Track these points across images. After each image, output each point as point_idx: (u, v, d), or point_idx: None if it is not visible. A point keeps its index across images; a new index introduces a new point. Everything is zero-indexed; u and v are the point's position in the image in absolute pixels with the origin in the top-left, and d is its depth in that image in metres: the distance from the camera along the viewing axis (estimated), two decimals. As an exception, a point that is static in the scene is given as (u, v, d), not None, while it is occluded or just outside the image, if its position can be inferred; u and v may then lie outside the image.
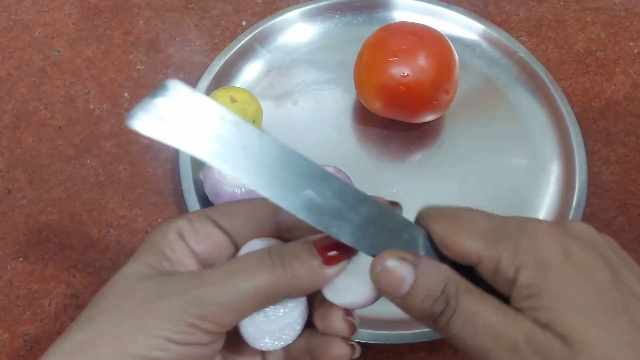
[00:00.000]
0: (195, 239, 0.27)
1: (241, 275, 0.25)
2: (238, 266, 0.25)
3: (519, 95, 0.52)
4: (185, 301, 0.24)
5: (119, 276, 0.26)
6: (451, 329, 0.24)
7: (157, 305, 0.24)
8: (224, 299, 0.24)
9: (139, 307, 0.24)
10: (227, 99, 0.45)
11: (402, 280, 0.24)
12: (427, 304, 0.24)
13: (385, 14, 0.56)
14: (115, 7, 0.57)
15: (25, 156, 0.49)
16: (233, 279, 0.24)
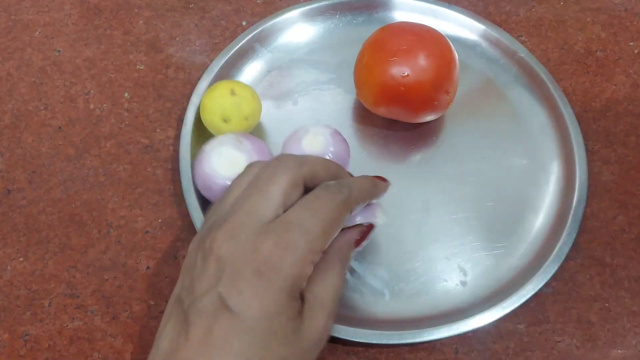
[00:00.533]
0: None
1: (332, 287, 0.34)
2: (332, 283, 0.34)
3: (519, 95, 0.52)
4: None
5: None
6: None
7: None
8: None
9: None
10: (227, 90, 0.45)
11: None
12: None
13: (385, 14, 0.56)
14: (115, 7, 0.57)
15: (25, 156, 0.49)
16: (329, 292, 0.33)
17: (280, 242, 0.30)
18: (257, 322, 0.28)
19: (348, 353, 0.41)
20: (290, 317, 0.29)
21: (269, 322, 0.29)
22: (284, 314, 0.29)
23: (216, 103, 0.45)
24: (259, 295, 0.29)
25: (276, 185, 0.32)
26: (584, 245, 0.45)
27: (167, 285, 0.43)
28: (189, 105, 0.49)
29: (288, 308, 0.29)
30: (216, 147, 0.43)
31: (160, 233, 0.45)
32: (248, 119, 0.46)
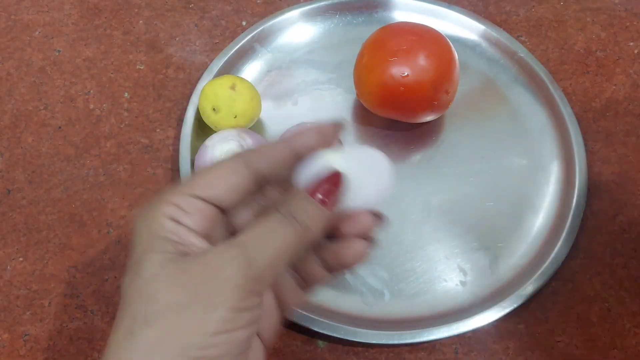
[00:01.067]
0: (191, 219, 0.27)
1: (273, 236, 0.26)
2: (267, 230, 0.27)
3: (519, 95, 0.52)
4: (238, 269, 0.25)
5: (149, 267, 0.26)
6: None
7: (213, 281, 0.25)
8: (268, 262, 0.26)
9: (196, 288, 0.25)
10: (229, 83, 0.45)
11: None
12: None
13: (385, 14, 0.56)
14: (115, 7, 0.57)
15: (25, 156, 0.49)
16: (268, 242, 0.26)
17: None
18: None
19: (348, 353, 0.41)
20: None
21: None
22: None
23: (212, 91, 0.45)
24: None
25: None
26: (584, 245, 0.45)
27: (167, 285, 0.43)
28: (189, 105, 0.49)
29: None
30: (218, 142, 0.44)
31: (160, 233, 0.45)
32: (237, 117, 0.46)
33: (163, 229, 0.27)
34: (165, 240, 0.27)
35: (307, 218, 0.27)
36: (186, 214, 0.27)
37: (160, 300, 0.25)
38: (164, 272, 0.26)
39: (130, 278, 0.27)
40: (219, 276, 0.25)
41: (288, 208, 0.27)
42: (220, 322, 0.24)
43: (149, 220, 0.28)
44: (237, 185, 0.28)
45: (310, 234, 0.27)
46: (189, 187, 0.28)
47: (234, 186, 0.28)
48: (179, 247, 0.27)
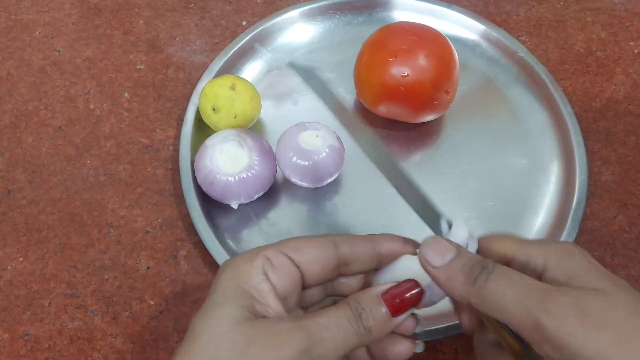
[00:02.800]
0: (276, 275, 0.30)
1: (337, 332, 0.28)
2: (335, 323, 0.29)
3: (519, 95, 0.52)
4: (301, 352, 0.27)
5: (224, 319, 0.28)
6: (489, 285, 0.27)
7: (277, 354, 0.27)
8: (327, 353, 0.28)
9: (259, 355, 0.27)
10: (229, 84, 0.45)
11: (447, 250, 0.29)
12: (466, 269, 0.28)
13: (385, 14, 0.56)
14: (115, 7, 0.57)
15: (25, 156, 0.49)
16: (330, 337, 0.28)
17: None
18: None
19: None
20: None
21: None
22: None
23: (212, 91, 0.45)
24: None
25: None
26: (584, 245, 0.45)
27: (167, 285, 0.43)
28: (189, 105, 0.49)
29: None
30: (218, 142, 0.44)
31: (160, 233, 0.45)
32: (237, 117, 0.46)
33: (249, 282, 0.29)
34: (247, 294, 0.29)
35: (372, 323, 0.29)
36: (274, 268, 0.30)
37: (226, 355, 0.27)
38: (236, 329, 0.28)
39: (203, 321, 0.28)
40: (281, 352, 0.27)
41: (358, 305, 0.29)
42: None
43: (239, 268, 0.30)
44: (324, 260, 0.31)
45: (371, 338, 0.29)
46: (282, 246, 0.30)
47: (321, 259, 0.31)
48: (256, 305, 0.29)
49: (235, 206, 0.44)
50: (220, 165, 0.43)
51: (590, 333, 0.25)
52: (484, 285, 0.28)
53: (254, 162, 0.43)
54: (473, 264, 0.29)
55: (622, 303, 0.26)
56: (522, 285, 0.27)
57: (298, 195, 0.47)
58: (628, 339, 0.25)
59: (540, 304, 0.26)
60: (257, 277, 0.29)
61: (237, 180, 0.42)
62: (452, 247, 0.30)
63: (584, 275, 0.27)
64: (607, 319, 0.25)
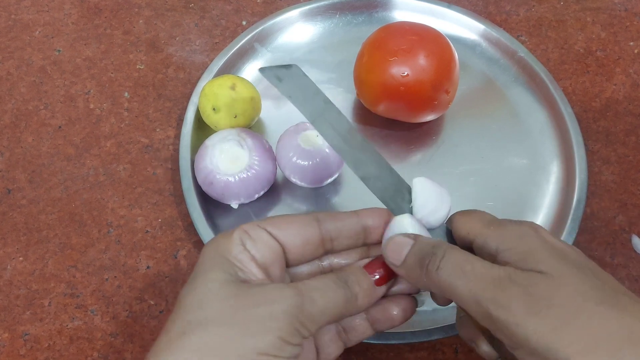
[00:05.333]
0: (254, 246, 0.30)
1: (325, 293, 0.29)
2: (323, 285, 0.29)
3: (519, 95, 0.52)
4: (291, 307, 0.27)
5: (209, 282, 0.28)
6: (441, 274, 0.28)
7: (268, 309, 0.27)
8: (317, 312, 0.28)
9: (252, 310, 0.27)
10: (229, 83, 0.45)
11: (402, 249, 0.30)
12: (416, 257, 0.30)
13: (385, 14, 0.56)
14: (115, 7, 0.57)
15: (25, 156, 0.49)
16: (320, 296, 0.29)
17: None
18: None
19: (348, 352, 0.41)
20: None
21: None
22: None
23: (212, 91, 0.45)
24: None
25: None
26: (584, 245, 0.45)
27: (167, 285, 0.43)
28: (189, 104, 0.49)
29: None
30: (218, 142, 0.44)
31: (160, 233, 0.45)
32: (237, 116, 0.46)
33: (229, 253, 0.30)
34: (229, 262, 0.29)
35: (359, 289, 0.30)
36: (252, 240, 0.30)
37: (217, 310, 0.27)
38: (224, 289, 0.28)
39: (190, 288, 0.29)
40: (274, 306, 0.27)
41: (345, 275, 0.30)
42: (268, 345, 0.26)
43: (218, 243, 0.30)
44: (305, 235, 0.31)
45: (359, 303, 0.30)
46: (261, 221, 0.31)
47: (302, 235, 0.31)
48: (240, 273, 0.29)
49: (236, 206, 0.44)
50: (220, 165, 0.43)
51: (533, 320, 0.26)
52: (436, 274, 0.29)
53: (254, 162, 0.43)
54: (424, 253, 0.30)
55: (566, 285, 0.26)
56: (472, 276, 0.28)
57: (298, 195, 0.47)
58: (569, 322, 0.25)
59: (489, 295, 0.27)
60: (235, 247, 0.30)
61: (237, 180, 0.42)
62: (408, 240, 0.31)
63: (533, 256, 0.28)
64: (550, 304, 0.26)
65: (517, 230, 0.29)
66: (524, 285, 0.26)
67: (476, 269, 0.28)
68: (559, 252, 0.28)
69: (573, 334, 0.25)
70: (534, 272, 0.27)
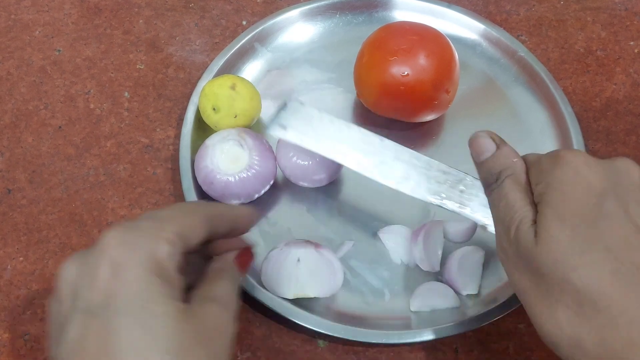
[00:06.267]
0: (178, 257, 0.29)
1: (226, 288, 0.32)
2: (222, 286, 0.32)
3: (520, 95, 0.52)
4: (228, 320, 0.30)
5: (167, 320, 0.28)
6: (492, 195, 0.33)
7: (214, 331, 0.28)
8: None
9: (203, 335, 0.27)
10: (229, 83, 0.45)
11: (484, 150, 0.35)
12: (485, 176, 0.34)
13: (385, 14, 0.56)
14: (115, 7, 0.57)
15: (26, 156, 0.49)
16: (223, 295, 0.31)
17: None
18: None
19: (348, 352, 0.41)
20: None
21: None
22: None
23: (212, 90, 0.45)
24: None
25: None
26: (584, 244, 0.45)
27: (167, 285, 0.43)
28: (189, 104, 0.49)
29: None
30: (218, 142, 0.44)
31: (160, 233, 0.45)
32: (237, 116, 0.46)
33: (168, 273, 0.27)
34: (171, 286, 0.27)
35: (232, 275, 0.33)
36: (176, 253, 0.28)
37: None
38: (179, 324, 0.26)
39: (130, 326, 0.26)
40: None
41: (221, 267, 0.33)
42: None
43: (146, 255, 0.27)
44: (201, 238, 0.30)
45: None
46: (173, 225, 0.29)
47: (200, 238, 0.30)
48: (175, 292, 0.27)
49: (236, 206, 0.44)
50: (220, 165, 0.43)
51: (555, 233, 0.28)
52: (490, 194, 0.33)
53: (254, 162, 0.43)
54: (491, 172, 0.33)
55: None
56: (506, 202, 0.31)
57: (298, 195, 0.47)
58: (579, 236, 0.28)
59: (513, 220, 0.30)
60: (168, 264, 0.29)
61: (237, 180, 0.42)
62: (491, 146, 0.35)
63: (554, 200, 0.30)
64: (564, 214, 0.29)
65: (567, 180, 0.30)
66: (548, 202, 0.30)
67: (511, 196, 0.31)
68: (602, 221, 0.29)
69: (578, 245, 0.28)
70: (549, 213, 0.30)
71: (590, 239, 0.28)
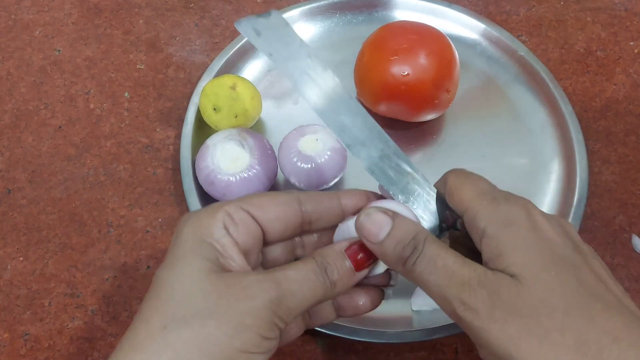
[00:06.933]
0: (237, 231, 0.29)
1: (305, 285, 0.29)
2: (302, 276, 0.29)
3: (520, 94, 0.52)
4: (269, 303, 0.27)
5: (192, 271, 0.28)
6: (416, 269, 0.28)
7: (247, 304, 0.27)
8: (296, 305, 0.28)
9: (231, 305, 0.27)
10: (230, 83, 0.45)
11: (380, 229, 0.29)
12: (398, 249, 0.29)
13: (385, 13, 0.56)
14: (115, 7, 0.57)
15: (26, 156, 0.49)
16: (299, 289, 0.28)
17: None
18: None
19: (348, 352, 0.41)
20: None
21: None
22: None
23: (213, 90, 0.45)
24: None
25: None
26: (585, 244, 0.45)
27: (167, 285, 0.43)
28: (190, 104, 0.49)
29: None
30: (219, 142, 0.44)
31: (160, 232, 0.45)
32: (237, 116, 0.46)
33: (211, 236, 0.29)
34: (210, 247, 0.29)
35: (337, 277, 0.30)
36: (234, 224, 0.29)
37: (199, 305, 0.27)
38: (206, 281, 0.28)
39: (170, 274, 0.28)
40: (253, 303, 0.27)
41: (323, 259, 0.30)
42: (248, 343, 0.27)
43: (200, 224, 0.29)
44: (286, 218, 0.31)
45: (336, 291, 0.30)
46: (243, 202, 0.30)
47: (283, 217, 0.31)
48: (220, 258, 0.29)
49: (236, 206, 0.44)
50: (221, 165, 0.43)
51: (496, 325, 0.26)
52: (412, 268, 0.29)
53: (254, 162, 0.43)
54: (404, 244, 0.29)
55: (530, 295, 0.26)
56: (444, 274, 0.28)
57: (298, 194, 0.47)
58: (531, 331, 0.25)
59: (458, 296, 0.27)
60: (218, 231, 0.29)
61: (238, 179, 0.42)
62: (387, 220, 0.29)
63: (512, 254, 0.27)
64: (513, 312, 0.26)
65: (507, 214, 0.28)
66: (490, 289, 0.26)
67: (448, 266, 0.28)
68: (543, 246, 0.27)
69: (533, 345, 0.25)
70: (504, 275, 0.27)
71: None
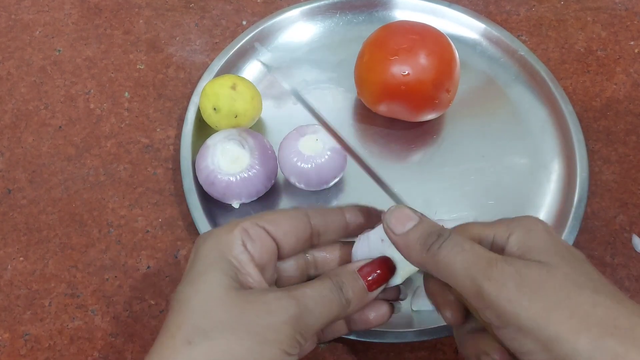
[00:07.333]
0: (254, 246, 0.31)
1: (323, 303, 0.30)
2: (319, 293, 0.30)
3: (520, 94, 0.52)
4: (291, 318, 0.28)
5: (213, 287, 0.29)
6: (441, 252, 0.29)
7: (268, 320, 0.28)
8: (314, 322, 0.29)
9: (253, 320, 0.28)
10: (230, 83, 0.45)
11: (408, 220, 0.30)
12: (423, 237, 0.30)
13: (385, 13, 0.56)
14: (115, 7, 0.57)
15: (26, 156, 0.49)
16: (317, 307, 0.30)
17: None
18: None
19: (348, 352, 0.41)
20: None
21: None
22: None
23: (213, 90, 0.45)
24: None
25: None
26: (585, 244, 0.45)
27: (167, 285, 0.43)
28: (190, 104, 0.49)
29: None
30: (219, 142, 0.44)
31: (160, 232, 0.45)
32: (237, 116, 0.45)
33: (230, 252, 0.30)
34: (229, 263, 0.30)
35: (352, 296, 0.31)
36: (251, 240, 0.31)
37: (222, 320, 0.28)
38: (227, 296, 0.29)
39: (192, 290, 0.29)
40: (274, 318, 0.28)
41: (339, 279, 0.31)
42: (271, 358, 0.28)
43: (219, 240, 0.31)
44: (298, 231, 0.32)
45: (350, 309, 0.31)
46: (258, 219, 0.32)
47: (295, 230, 0.32)
48: (238, 275, 0.30)
49: (237, 206, 0.44)
50: (221, 165, 0.43)
51: (525, 300, 0.26)
52: (437, 252, 0.29)
53: (255, 162, 0.43)
54: (430, 232, 0.30)
55: (560, 274, 0.27)
56: (470, 254, 0.28)
57: (299, 194, 0.47)
58: (561, 303, 0.26)
59: (484, 271, 0.27)
60: (237, 247, 0.30)
61: (239, 179, 0.42)
62: (415, 216, 0.31)
63: (537, 249, 0.28)
64: (542, 288, 0.27)
65: (526, 224, 0.30)
66: (519, 267, 0.27)
67: (475, 248, 0.29)
68: (560, 249, 0.29)
69: (564, 315, 0.26)
70: (532, 261, 0.28)
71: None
